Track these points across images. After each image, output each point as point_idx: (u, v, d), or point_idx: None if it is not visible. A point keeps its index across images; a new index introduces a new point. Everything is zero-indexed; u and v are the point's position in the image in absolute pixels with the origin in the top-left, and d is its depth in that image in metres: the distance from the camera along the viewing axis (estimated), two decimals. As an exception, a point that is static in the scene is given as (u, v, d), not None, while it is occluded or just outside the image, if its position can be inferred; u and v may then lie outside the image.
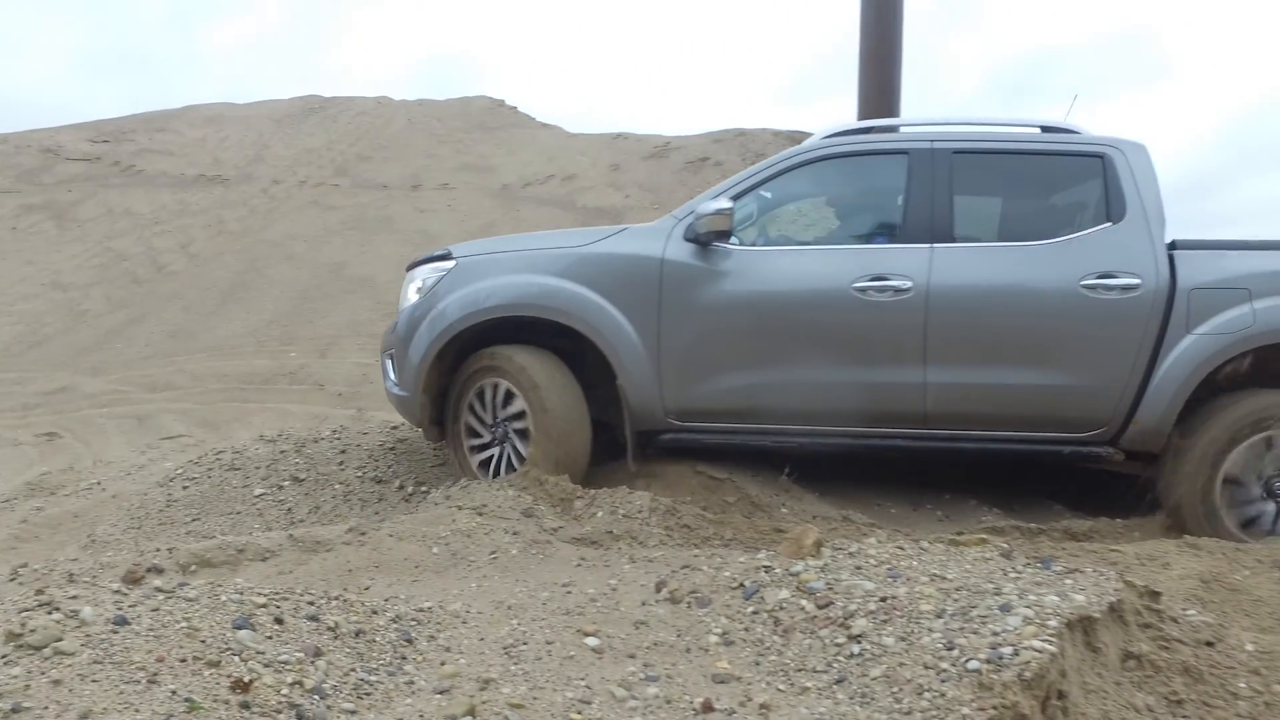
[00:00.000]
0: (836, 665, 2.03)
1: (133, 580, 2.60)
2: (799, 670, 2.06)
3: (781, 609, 2.29)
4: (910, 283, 3.67)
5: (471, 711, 1.82)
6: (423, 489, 4.24)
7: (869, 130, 4.18)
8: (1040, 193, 3.98)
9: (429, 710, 1.83)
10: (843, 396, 3.72)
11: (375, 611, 2.25)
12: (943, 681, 1.83)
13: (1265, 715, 1.99)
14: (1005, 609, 2.05)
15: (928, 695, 1.81)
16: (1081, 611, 2.03)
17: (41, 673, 1.66)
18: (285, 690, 1.74)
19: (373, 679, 1.93)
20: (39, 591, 2.01)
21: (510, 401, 3.91)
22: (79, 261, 14.87)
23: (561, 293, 3.85)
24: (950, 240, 3.74)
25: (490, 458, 4.01)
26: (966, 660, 1.87)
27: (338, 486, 4.29)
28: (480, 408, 4.01)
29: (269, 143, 20.07)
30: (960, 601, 2.15)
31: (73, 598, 1.97)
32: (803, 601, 2.29)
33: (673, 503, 3.53)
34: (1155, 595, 2.29)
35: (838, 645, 2.09)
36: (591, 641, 2.23)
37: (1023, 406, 3.69)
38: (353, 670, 1.93)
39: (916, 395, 3.70)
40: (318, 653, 1.94)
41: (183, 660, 1.75)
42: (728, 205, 3.70)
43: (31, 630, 1.78)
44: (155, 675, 1.69)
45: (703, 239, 3.78)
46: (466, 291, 3.94)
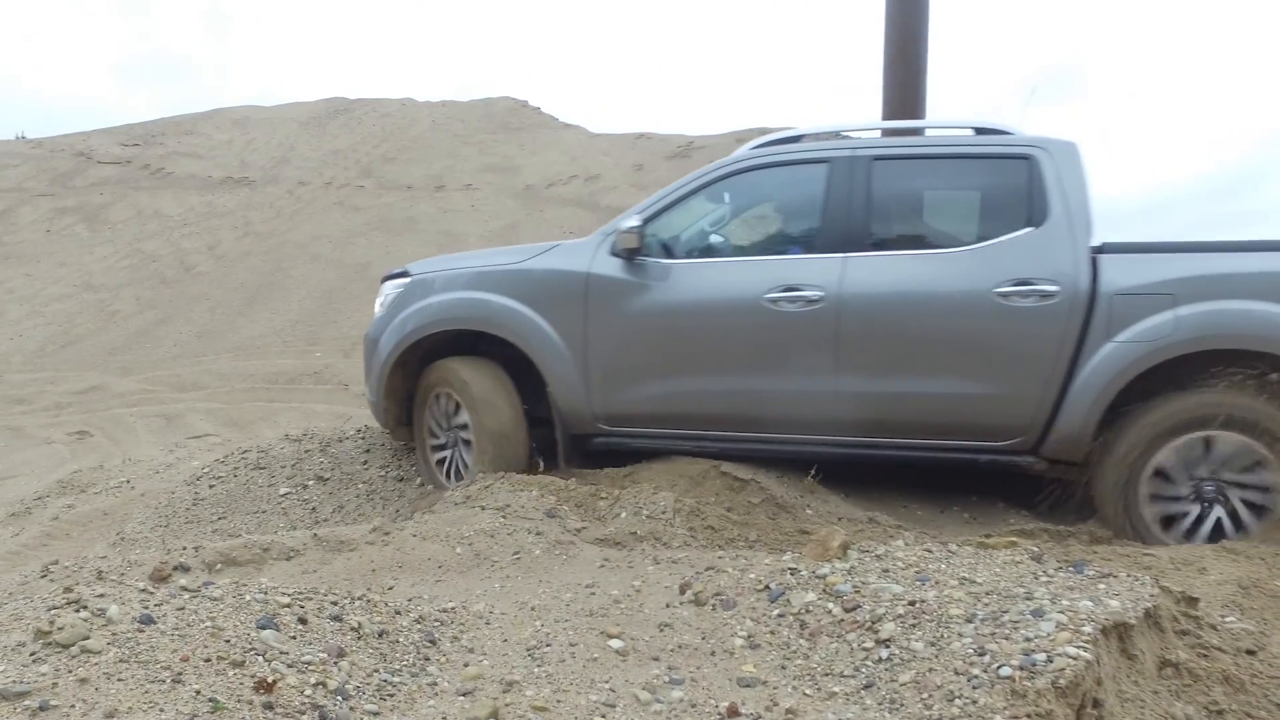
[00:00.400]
0: (864, 670, 2.00)
1: (160, 578, 2.61)
2: (826, 675, 2.02)
3: (808, 612, 2.26)
4: (821, 293, 3.71)
5: (495, 714, 1.81)
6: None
7: (800, 139, 4.18)
8: (963, 197, 3.92)
9: (452, 712, 1.82)
10: (757, 404, 3.82)
11: (399, 612, 2.25)
12: (974, 688, 1.79)
13: (1309, 726, 1.93)
14: (1038, 614, 2.01)
15: (959, 702, 1.77)
16: (1117, 617, 1.98)
17: (69, 671, 1.67)
18: (308, 691, 1.74)
19: (396, 680, 1.92)
20: (67, 590, 2.02)
21: (459, 411, 4.20)
22: (110, 263, 15.11)
23: (495, 307, 4.11)
24: (866, 249, 3.75)
25: (445, 459, 4.32)
26: (998, 666, 1.83)
27: (361, 486, 4.32)
28: (437, 413, 4.32)
29: (295, 144, 20.28)
30: (991, 606, 2.10)
31: (100, 596, 1.98)
32: (829, 604, 2.26)
33: (697, 503, 3.51)
34: (1193, 601, 2.23)
35: (865, 649, 2.06)
36: (615, 644, 2.21)
37: (936, 414, 3.67)
38: (376, 671, 1.93)
39: (829, 402, 3.75)
40: (341, 653, 1.93)
41: (207, 660, 1.76)
42: (637, 223, 3.88)
43: (60, 628, 1.79)
44: (180, 675, 1.69)
45: (622, 254, 3.95)
46: (417, 307, 4.26)
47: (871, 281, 3.69)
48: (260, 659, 1.80)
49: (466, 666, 2.05)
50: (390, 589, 2.65)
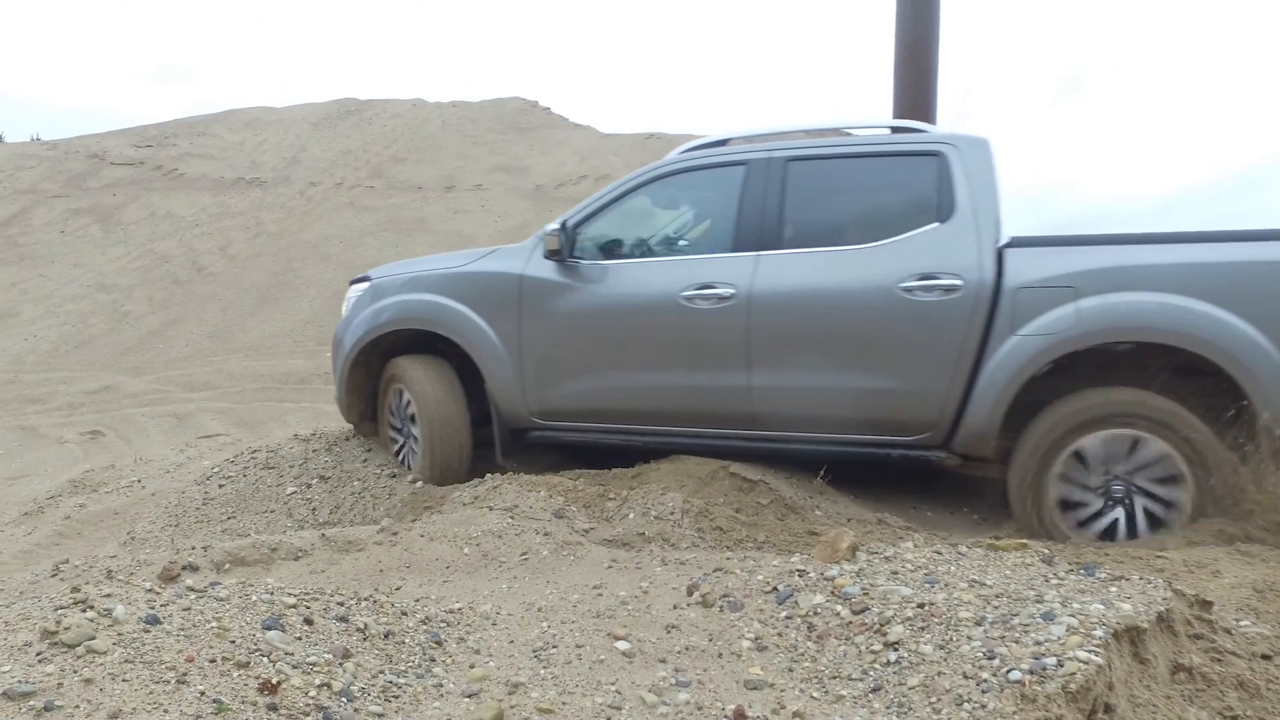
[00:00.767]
0: (873, 673, 1.98)
1: (168, 578, 2.62)
2: (834, 678, 2.01)
3: (816, 614, 2.24)
4: (733, 290, 3.81)
5: (500, 716, 1.80)
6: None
7: (725, 143, 4.26)
8: (874, 195, 3.94)
9: (457, 714, 1.81)
10: (677, 399, 3.95)
11: (405, 613, 2.25)
12: (983, 692, 1.77)
13: (1326, 733, 1.90)
14: (1048, 617, 1.99)
15: (967, 706, 1.75)
16: (1129, 621, 1.95)
17: (74, 671, 1.67)
18: (313, 692, 1.73)
19: (401, 681, 1.91)
20: (74, 589, 2.03)
21: (409, 405, 4.44)
22: (122, 264, 15.20)
23: (439, 307, 4.34)
24: (778, 248, 3.83)
25: (400, 448, 4.62)
26: (1008, 670, 1.81)
27: (356, 484, 4.34)
28: (394, 407, 4.61)
29: (306, 145, 20.37)
30: (1000, 609, 2.08)
31: (106, 596, 1.99)
32: (838, 607, 2.24)
33: (705, 504, 3.49)
34: (1206, 605, 2.20)
35: (874, 652, 2.04)
36: (622, 645, 2.20)
37: (845, 409, 3.71)
38: (381, 672, 1.92)
39: (743, 397, 3.83)
40: (346, 654, 1.93)
41: (212, 660, 1.75)
42: (555, 227, 4.08)
43: (66, 628, 1.79)
44: (185, 675, 1.69)
45: (550, 256, 4.11)
46: (373, 309, 4.53)
47: (781, 279, 3.77)
48: (265, 660, 1.80)
49: (472, 668, 2.04)
50: (397, 589, 2.64)
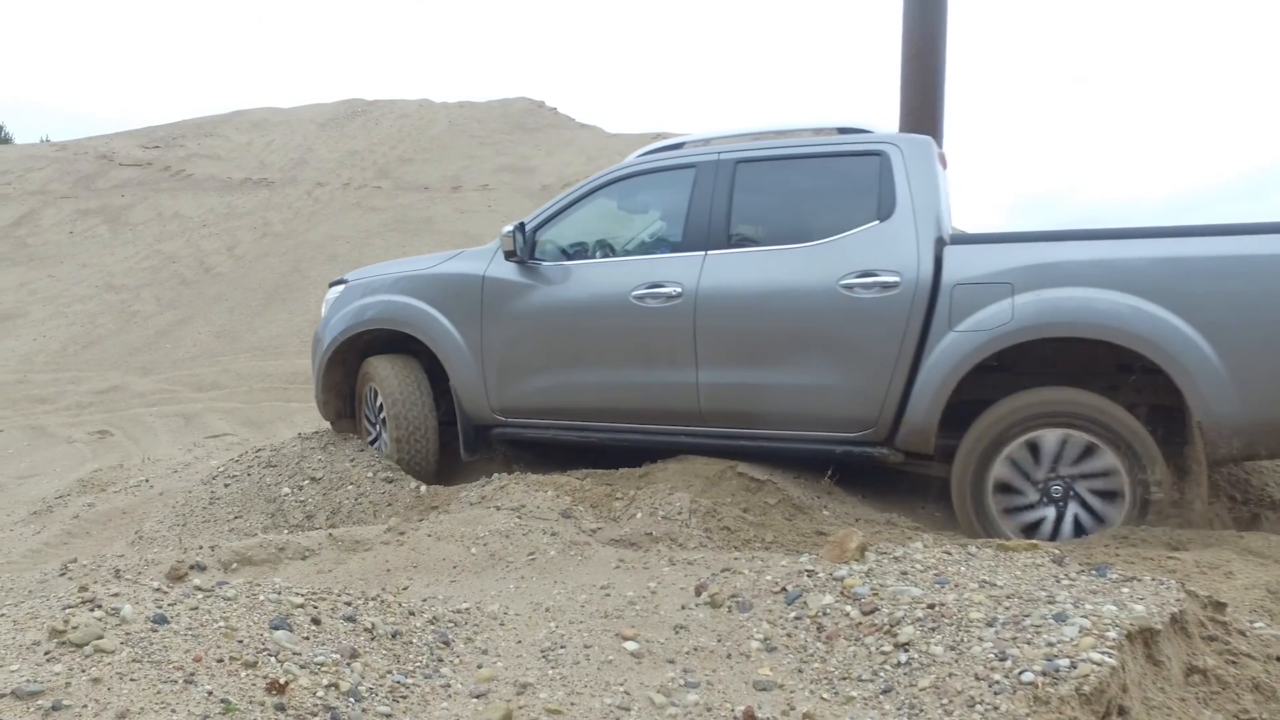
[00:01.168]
0: (883, 674, 1.96)
1: (176, 578, 2.62)
2: (844, 679, 1.99)
3: (825, 615, 2.23)
4: (680, 288, 3.87)
5: (508, 716, 1.79)
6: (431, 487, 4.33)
7: (680, 146, 4.35)
8: (819, 195, 3.98)
9: (465, 714, 1.80)
10: (630, 396, 4.02)
11: (412, 613, 2.24)
12: (995, 694, 1.76)
13: (1342, 735, 1.88)
14: (1060, 618, 1.97)
15: (979, 708, 1.74)
16: (1142, 622, 1.93)
17: (82, 670, 1.67)
18: (321, 692, 1.73)
19: (409, 682, 1.91)
20: (82, 588, 2.03)
21: (381, 403, 4.58)
22: (130, 264, 15.25)
23: (405, 308, 4.49)
24: (725, 247, 3.90)
25: (374, 442, 4.75)
26: (1020, 672, 1.79)
27: (350, 488, 4.31)
28: (368, 404, 4.74)
29: (313, 146, 20.41)
30: (1012, 610, 2.07)
31: (114, 595, 1.98)
32: (847, 607, 2.23)
33: (713, 504, 3.48)
34: (1220, 606, 2.18)
35: (884, 653, 2.03)
36: (630, 646, 2.19)
37: (789, 406, 3.74)
38: (389, 673, 1.92)
39: (690, 394, 3.89)
40: (354, 654, 1.92)
41: (219, 660, 1.75)
42: (509, 230, 4.18)
43: (74, 627, 1.79)
44: (192, 675, 1.69)
45: (509, 258, 4.23)
46: (347, 310, 4.69)
47: (725, 277, 3.83)
48: (273, 660, 1.80)
49: (480, 668, 2.04)
50: (405, 589, 2.64)
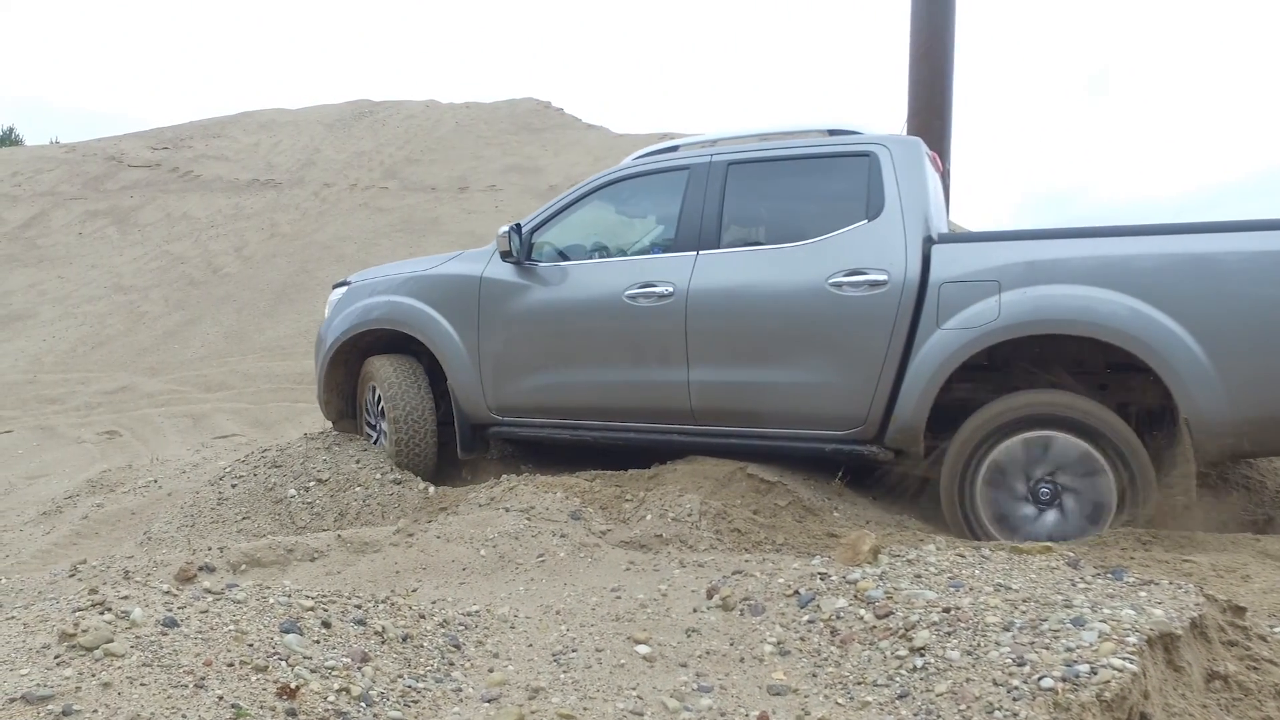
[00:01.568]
0: (899, 679, 1.94)
1: (185, 579, 2.61)
2: (858, 683, 1.97)
3: (839, 618, 2.20)
4: (672, 288, 3.93)
5: (520, 721, 1.77)
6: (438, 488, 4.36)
7: (675, 149, 4.39)
8: (809, 196, 4.00)
9: (477, 719, 1.79)
10: (622, 395, 4.08)
11: (423, 616, 2.23)
12: (1014, 700, 1.73)
13: (1367, 742, 1.85)
14: (1078, 623, 1.94)
15: (999, 714, 1.71)
16: (1162, 627, 1.91)
17: (92, 674, 1.66)
18: (332, 697, 1.71)
19: (420, 686, 1.89)
20: (92, 591, 2.02)
21: (381, 402, 4.65)
22: (139, 265, 15.29)
23: (405, 309, 4.57)
24: (716, 247, 3.95)
25: (374, 441, 4.83)
26: (1039, 678, 1.76)
27: (358, 489, 4.29)
28: (369, 403, 4.83)
29: (320, 147, 20.44)
30: (1028, 614, 2.04)
31: (124, 598, 1.97)
32: (861, 611, 2.20)
33: (723, 506, 3.46)
34: (1239, 610, 2.15)
35: (899, 658, 2.00)
36: (642, 649, 2.17)
37: (778, 403, 3.77)
38: (400, 677, 1.90)
39: (681, 393, 3.93)
40: (365, 658, 1.91)
41: (230, 664, 1.74)
42: (503, 230, 4.24)
43: (84, 631, 1.78)
44: (203, 679, 1.67)
45: (504, 259, 4.29)
46: (348, 311, 4.77)
47: (716, 276, 3.89)
48: (283, 664, 1.78)
49: (491, 672, 2.02)
50: (414, 591, 2.62)
